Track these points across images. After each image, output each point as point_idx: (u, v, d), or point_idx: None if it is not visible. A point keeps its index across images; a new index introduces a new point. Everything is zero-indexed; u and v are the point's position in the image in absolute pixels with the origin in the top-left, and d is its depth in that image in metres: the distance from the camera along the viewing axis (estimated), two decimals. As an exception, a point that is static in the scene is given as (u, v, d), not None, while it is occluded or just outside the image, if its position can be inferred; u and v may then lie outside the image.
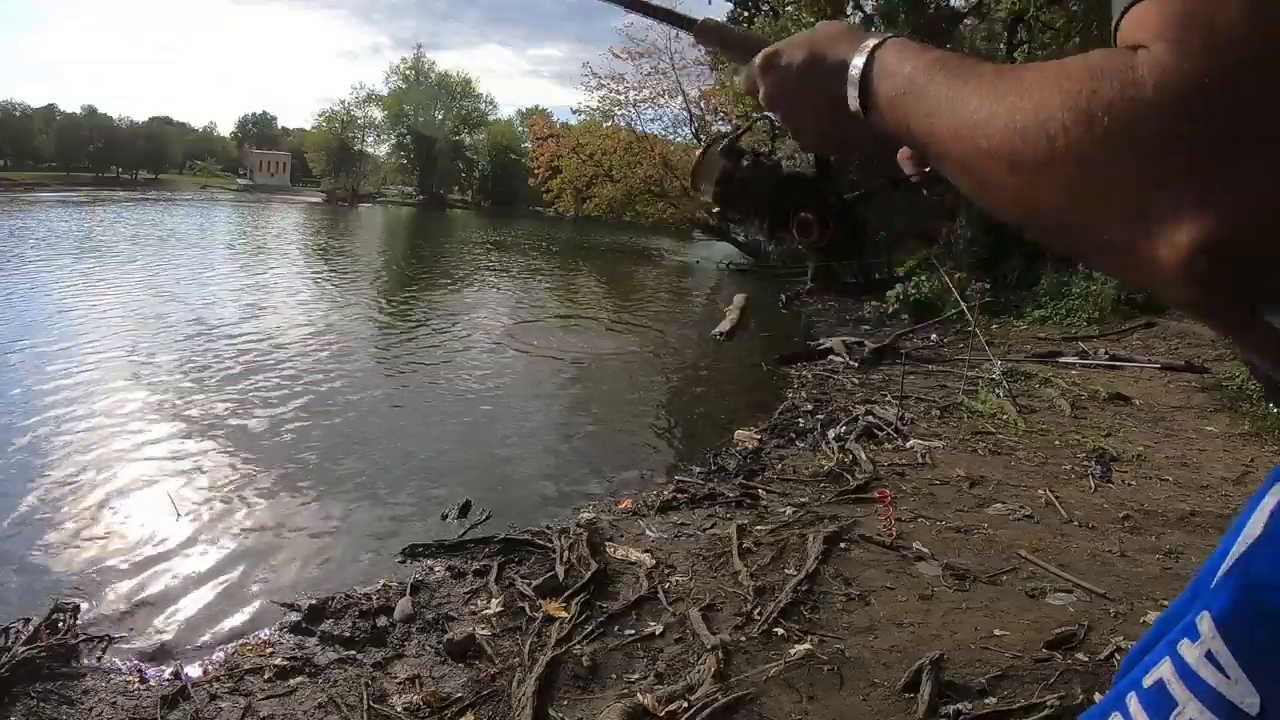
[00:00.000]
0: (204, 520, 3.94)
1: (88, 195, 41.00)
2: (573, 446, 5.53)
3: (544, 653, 2.47)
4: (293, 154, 73.37)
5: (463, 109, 63.49)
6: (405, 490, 4.52)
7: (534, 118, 38.68)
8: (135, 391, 6.15)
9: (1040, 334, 9.23)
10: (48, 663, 2.46)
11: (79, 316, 8.90)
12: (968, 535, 3.44)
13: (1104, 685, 2.29)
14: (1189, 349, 7.83)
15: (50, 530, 3.71)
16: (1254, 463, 4.68)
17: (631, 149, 25.39)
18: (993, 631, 2.60)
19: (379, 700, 2.31)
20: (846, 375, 7.43)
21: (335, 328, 9.56)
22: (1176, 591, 0.59)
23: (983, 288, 10.77)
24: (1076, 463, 4.57)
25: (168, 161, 72.60)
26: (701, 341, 9.76)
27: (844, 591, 2.86)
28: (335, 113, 65.30)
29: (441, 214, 48.64)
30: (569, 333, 10.20)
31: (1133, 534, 3.54)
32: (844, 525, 3.46)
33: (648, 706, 2.15)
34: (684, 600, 2.84)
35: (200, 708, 2.27)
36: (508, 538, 3.46)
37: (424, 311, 11.52)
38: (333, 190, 58.82)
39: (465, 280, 16.42)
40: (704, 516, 3.66)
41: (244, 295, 11.70)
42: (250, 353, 7.67)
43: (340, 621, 2.79)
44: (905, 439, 4.95)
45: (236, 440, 5.16)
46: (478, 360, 8.33)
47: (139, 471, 4.52)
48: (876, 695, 2.26)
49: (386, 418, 5.93)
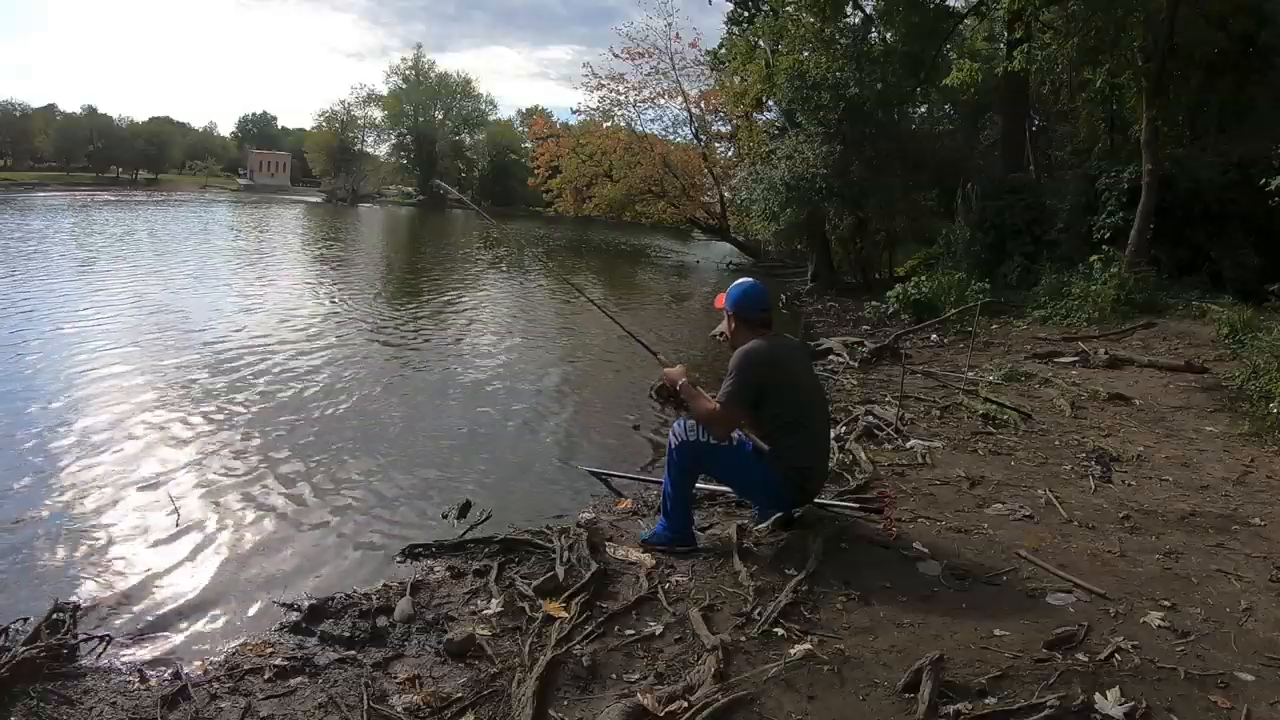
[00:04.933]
0: (204, 520, 3.94)
1: (88, 195, 41.01)
2: (573, 446, 5.53)
3: (544, 653, 2.46)
4: (293, 154, 73.37)
5: (462, 109, 63.47)
6: (405, 490, 4.52)
7: (534, 118, 38.72)
8: (135, 391, 6.15)
9: (1040, 334, 9.22)
10: (48, 663, 2.46)
11: (78, 316, 8.91)
12: (968, 535, 3.43)
13: (1104, 685, 2.29)
14: (1189, 349, 7.83)
15: (50, 530, 3.71)
16: (1254, 463, 4.68)
17: (631, 149, 25.38)
18: (993, 631, 2.60)
19: (379, 700, 2.31)
20: (846, 375, 7.43)
21: (335, 329, 9.56)
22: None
23: (983, 288, 10.79)
24: (1076, 463, 4.57)
25: (168, 161, 72.58)
26: (701, 342, 9.76)
27: (844, 591, 2.86)
28: (335, 113, 65.39)
29: (442, 214, 48.61)
30: (569, 333, 10.20)
31: (1133, 534, 3.54)
32: (844, 525, 3.46)
33: (648, 706, 2.15)
34: (684, 600, 2.84)
35: (200, 708, 2.26)
36: (508, 538, 3.46)
37: (424, 311, 11.52)
38: (333, 190, 58.81)
39: (465, 280, 16.42)
40: (704, 516, 3.65)
41: (244, 295, 11.71)
42: (250, 353, 7.67)
43: (340, 621, 2.79)
44: (905, 439, 4.95)
45: (236, 440, 5.16)
46: (477, 361, 8.34)
47: (138, 471, 4.52)
48: (876, 695, 2.26)
49: (386, 417, 5.93)
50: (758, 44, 16.84)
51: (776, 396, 3.18)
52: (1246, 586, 3.03)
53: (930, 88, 15.40)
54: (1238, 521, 3.73)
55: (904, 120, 15.77)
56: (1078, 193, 12.12)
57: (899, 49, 14.86)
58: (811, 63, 14.52)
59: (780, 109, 17.75)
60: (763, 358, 3.16)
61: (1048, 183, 14.53)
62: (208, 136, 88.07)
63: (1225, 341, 7.65)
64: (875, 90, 14.17)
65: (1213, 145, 11.85)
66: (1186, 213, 10.75)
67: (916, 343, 9.27)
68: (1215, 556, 3.31)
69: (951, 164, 15.39)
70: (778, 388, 3.18)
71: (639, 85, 25.50)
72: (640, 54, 24.91)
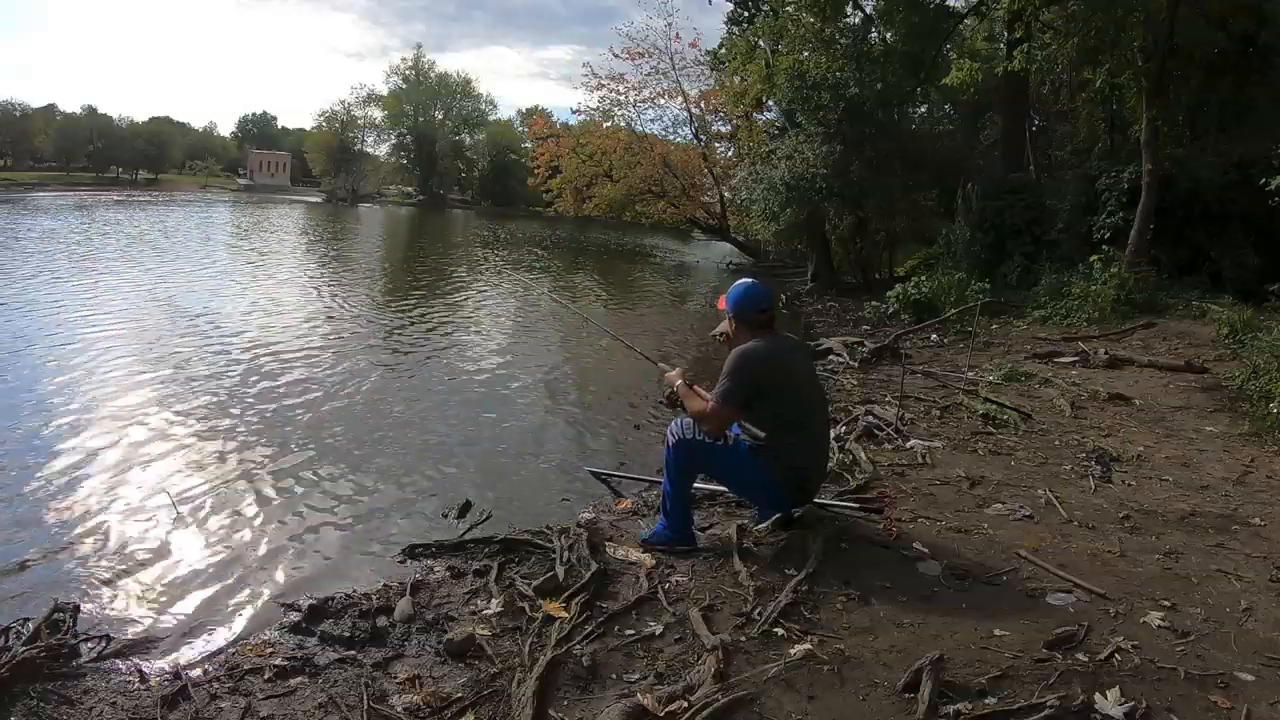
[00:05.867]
0: (204, 520, 3.94)
1: (93, 195, 41.03)
2: (573, 446, 5.53)
3: (544, 653, 2.47)
4: (293, 154, 73.35)
5: (462, 109, 63.46)
6: (405, 490, 4.52)
7: (534, 118, 38.71)
8: (135, 391, 6.15)
9: (1040, 334, 9.22)
10: (48, 663, 2.46)
11: (78, 317, 8.90)
12: (968, 535, 3.43)
13: (1104, 685, 2.29)
14: (1189, 349, 7.83)
15: (50, 530, 3.71)
16: (1254, 463, 4.68)
17: (631, 149, 25.39)
18: (993, 631, 2.60)
19: (379, 700, 2.31)
20: (846, 375, 7.42)
21: (336, 329, 9.56)
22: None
23: (983, 288, 10.79)
24: (1076, 463, 4.57)
25: (168, 161, 72.57)
26: (701, 342, 9.76)
27: (844, 591, 2.86)
28: (335, 113, 65.37)
29: (441, 214, 48.62)
30: (569, 332, 10.20)
31: (1133, 534, 3.54)
32: (844, 525, 3.46)
33: (648, 706, 2.15)
34: (684, 600, 2.84)
35: (200, 708, 2.26)
36: (508, 538, 3.46)
37: (424, 312, 11.52)
38: (333, 190, 58.81)
39: (464, 280, 16.43)
40: (704, 516, 3.65)
41: (244, 295, 11.71)
42: (250, 353, 7.68)
43: (340, 621, 2.79)
44: (905, 439, 4.94)
45: (237, 440, 5.16)
46: (477, 361, 8.33)
47: (139, 471, 4.52)
48: (876, 695, 2.26)
49: (386, 418, 5.93)
50: (758, 44, 16.84)
51: (777, 397, 3.18)
52: (1246, 586, 3.03)
53: (930, 88, 15.40)
54: (1238, 521, 3.73)
55: (904, 120, 15.78)
56: (1078, 193, 12.12)
57: (899, 49, 14.86)
58: (811, 63, 14.52)
59: (780, 109, 17.76)
60: (760, 358, 3.17)
61: (1048, 183, 14.53)
62: (208, 136, 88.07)
63: (1225, 341, 7.65)
64: (875, 90, 14.17)
65: (1213, 145, 11.85)
66: (1186, 213, 10.74)
67: (916, 343, 9.27)
68: (1215, 556, 3.31)
69: (951, 164, 15.39)
70: (778, 388, 3.19)
71: (639, 85, 25.57)
72: (640, 54, 24.97)
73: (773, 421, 3.20)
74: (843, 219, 15.81)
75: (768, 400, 3.18)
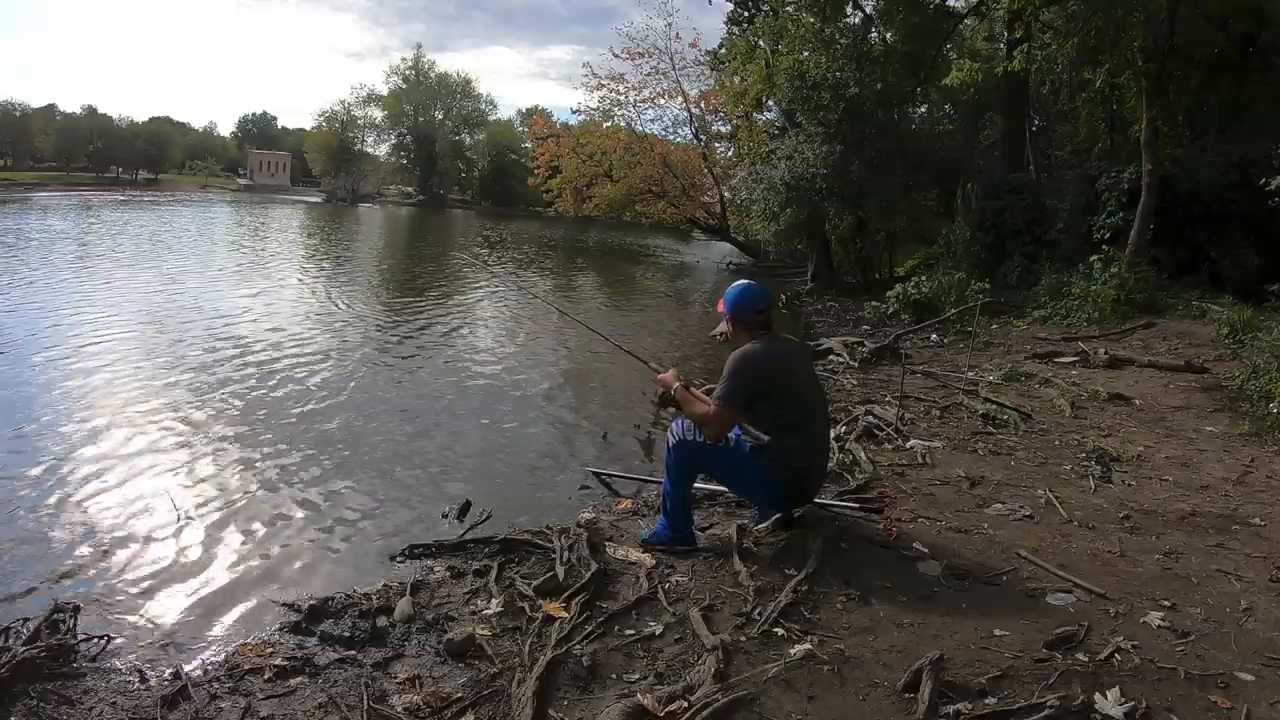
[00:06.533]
0: (204, 520, 3.94)
1: (97, 196, 41.03)
2: (573, 447, 5.53)
3: (544, 653, 2.47)
4: (293, 154, 73.35)
5: (462, 109, 63.46)
6: (405, 490, 4.52)
7: (534, 118, 38.71)
8: (135, 391, 6.15)
9: (1040, 334, 9.22)
10: (48, 663, 2.46)
11: (78, 317, 8.90)
12: (968, 535, 3.43)
13: (1104, 685, 2.29)
14: (1189, 349, 7.83)
15: (50, 530, 3.71)
16: (1254, 463, 4.68)
17: (631, 149, 25.38)
18: (993, 631, 2.60)
19: (379, 700, 2.31)
20: (846, 375, 7.43)
21: (336, 329, 9.56)
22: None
23: (983, 288, 10.79)
24: (1076, 463, 4.57)
25: (168, 161, 72.57)
26: (701, 342, 9.76)
27: (844, 591, 2.86)
28: (335, 113, 65.38)
29: (442, 214, 48.60)
30: (569, 332, 10.20)
31: (1133, 534, 3.54)
32: (844, 525, 3.46)
33: (648, 706, 2.15)
34: (684, 600, 2.84)
35: (200, 708, 2.26)
36: (508, 538, 3.46)
37: (423, 312, 11.52)
38: (333, 190, 58.81)
39: (464, 280, 16.43)
40: (704, 516, 3.65)
41: (244, 295, 11.71)
42: (250, 353, 7.68)
43: (340, 621, 2.79)
44: (905, 439, 4.94)
45: (236, 440, 5.16)
46: (477, 361, 8.33)
47: (139, 471, 4.52)
48: (876, 695, 2.26)
49: (386, 418, 5.93)
50: (758, 44, 16.83)
51: (777, 398, 3.18)
52: (1246, 586, 3.03)
53: (930, 88, 15.40)
54: (1238, 521, 3.73)
55: (904, 120, 15.77)
56: (1078, 193, 12.12)
57: (899, 49, 14.85)
58: (811, 63, 14.52)
59: (780, 109, 17.75)
60: (760, 360, 3.17)
61: (1048, 183, 14.53)
62: (208, 136, 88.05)
63: (1225, 341, 7.65)
64: (875, 90, 14.16)
65: (1213, 145, 11.85)
66: (1186, 213, 10.74)
67: (916, 343, 9.27)
68: (1215, 556, 3.31)
69: (951, 164, 15.39)
70: (779, 390, 3.19)
71: (639, 85, 25.55)
72: (640, 54, 24.96)
73: (773, 423, 3.20)
74: (843, 219, 15.81)
75: (768, 402, 3.18)
